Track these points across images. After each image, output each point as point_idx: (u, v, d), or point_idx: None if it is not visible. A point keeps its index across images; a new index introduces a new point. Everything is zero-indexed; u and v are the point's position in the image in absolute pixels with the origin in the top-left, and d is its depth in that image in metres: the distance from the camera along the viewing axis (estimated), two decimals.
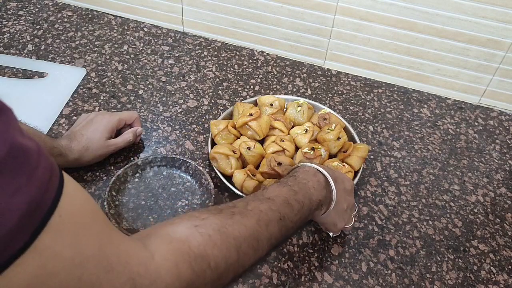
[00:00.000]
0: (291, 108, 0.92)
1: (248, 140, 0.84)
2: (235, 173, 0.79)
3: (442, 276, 0.73)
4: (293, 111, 0.92)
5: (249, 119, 0.84)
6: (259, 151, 0.83)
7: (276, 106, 0.92)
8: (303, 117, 0.91)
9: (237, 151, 0.81)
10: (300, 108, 0.91)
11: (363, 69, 1.09)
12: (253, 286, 0.69)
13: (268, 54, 1.13)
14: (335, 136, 0.85)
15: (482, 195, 0.87)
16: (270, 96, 0.93)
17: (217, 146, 0.82)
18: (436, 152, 0.94)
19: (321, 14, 1.02)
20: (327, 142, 0.85)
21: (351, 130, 0.90)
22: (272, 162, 0.80)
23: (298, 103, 0.92)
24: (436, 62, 1.02)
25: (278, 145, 0.84)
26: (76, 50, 1.07)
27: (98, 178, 0.81)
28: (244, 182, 0.77)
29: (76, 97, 0.96)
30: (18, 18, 1.14)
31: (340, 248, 0.75)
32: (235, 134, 0.86)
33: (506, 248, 0.78)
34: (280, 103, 0.93)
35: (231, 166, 0.80)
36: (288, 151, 0.84)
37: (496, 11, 0.91)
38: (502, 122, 1.03)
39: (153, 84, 1.01)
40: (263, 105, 0.92)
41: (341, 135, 0.86)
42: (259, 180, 0.78)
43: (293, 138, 0.88)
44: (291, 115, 0.92)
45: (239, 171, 0.79)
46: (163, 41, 1.13)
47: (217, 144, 0.85)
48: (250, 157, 0.82)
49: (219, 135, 0.85)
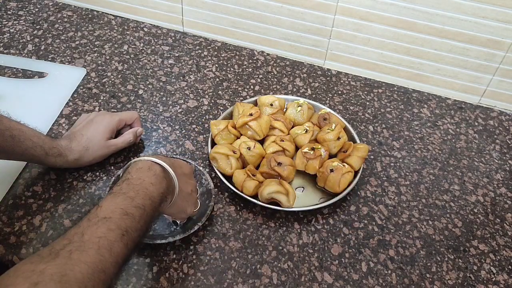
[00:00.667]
0: (291, 108, 0.92)
1: (248, 140, 0.84)
2: (235, 173, 0.79)
3: (442, 276, 0.73)
4: (293, 111, 0.92)
5: (249, 119, 0.84)
6: (259, 151, 0.83)
7: (276, 106, 0.92)
8: (303, 117, 0.91)
9: (237, 151, 0.81)
10: (300, 108, 0.91)
11: (363, 69, 1.09)
12: (253, 286, 0.69)
13: (268, 54, 1.13)
14: (335, 136, 0.85)
15: (482, 195, 0.87)
16: (270, 96, 0.93)
17: (217, 146, 0.82)
18: (436, 152, 0.94)
19: (321, 14, 1.02)
20: (327, 142, 0.85)
21: (351, 130, 0.91)
22: (272, 162, 0.80)
23: (298, 103, 0.92)
24: (436, 62, 1.02)
25: (278, 145, 0.84)
26: (76, 50, 1.07)
27: (98, 178, 0.81)
28: (244, 182, 0.77)
29: (76, 97, 0.96)
30: (18, 18, 1.14)
31: (340, 248, 0.75)
32: (235, 134, 0.86)
33: (506, 248, 0.78)
34: (280, 103, 0.93)
35: (231, 166, 0.80)
36: (288, 151, 0.84)
37: (496, 11, 0.91)
38: (502, 122, 1.03)
39: (153, 84, 1.01)
40: (263, 105, 0.92)
41: (341, 135, 0.86)
42: (259, 180, 0.78)
43: (293, 138, 0.88)
44: (291, 115, 0.92)
45: (239, 171, 0.79)
46: (163, 41, 1.13)
47: (217, 144, 0.85)
48: (250, 157, 0.82)
49: (219, 135, 0.85)
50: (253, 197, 0.78)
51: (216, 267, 0.71)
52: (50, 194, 0.78)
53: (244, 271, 0.71)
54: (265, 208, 0.79)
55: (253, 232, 0.76)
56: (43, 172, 0.81)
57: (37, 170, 0.81)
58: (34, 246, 0.70)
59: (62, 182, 0.80)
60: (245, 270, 0.71)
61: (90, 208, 0.75)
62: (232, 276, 0.70)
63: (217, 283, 0.69)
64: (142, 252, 0.71)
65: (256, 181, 0.78)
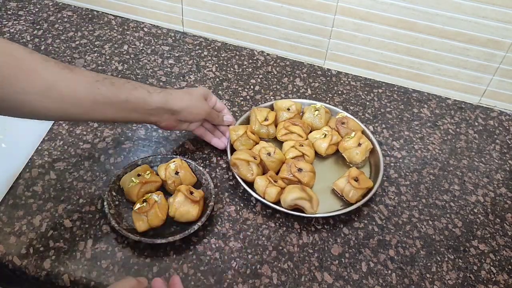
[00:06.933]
0: (308, 112, 0.92)
1: (267, 146, 0.84)
2: (257, 180, 0.78)
3: (442, 276, 0.73)
4: (310, 115, 0.91)
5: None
6: (279, 156, 0.82)
7: (293, 111, 0.91)
8: (320, 121, 0.91)
9: (257, 157, 0.80)
10: (318, 112, 0.91)
11: (363, 69, 1.09)
12: (253, 286, 0.69)
13: (268, 54, 1.13)
14: (355, 143, 0.85)
15: (482, 195, 0.87)
16: (286, 100, 0.93)
17: (237, 152, 0.81)
18: (436, 152, 0.94)
19: (321, 14, 1.02)
20: (349, 150, 0.85)
21: (369, 133, 0.90)
22: (292, 168, 0.80)
23: (315, 107, 0.92)
24: (436, 62, 1.02)
25: (297, 150, 0.84)
26: (76, 50, 1.07)
27: (98, 178, 0.81)
28: (267, 189, 0.77)
29: None
30: (18, 18, 1.14)
31: (340, 248, 0.75)
32: (254, 139, 0.86)
33: (506, 248, 0.78)
34: (297, 107, 0.92)
35: (252, 172, 0.79)
36: (308, 156, 0.84)
37: (496, 11, 0.91)
38: (502, 122, 1.03)
39: (153, 84, 1.01)
40: (279, 110, 0.92)
41: (361, 140, 0.86)
42: (280, 186, 0.78)
43: (312, 142, 0.87)
44: (308, 119, 0.91)
45: (261, 177, 0.79)
46: (163, 41, 1.13)
47: (236, 149, 0.84)
48: (270, 162, 0.82)
49: (238, 141, 0.85)
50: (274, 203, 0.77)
51: (216, 267, 0.71)
52: (50, 194, 0.78)
53: (244, 271, 0.71)
54: (265, 208, 0.79)
55: (253, 232, 0.76)
56: (43, 172, 0.81)
57: (37, 170, 0.81)
58: (34, 246, 0.70)
59: (62, 182, 0.80)
60: (245, 270, 0.71)
61: (90, 209, 0.75)
62: (232, 276, 0.70)
63: (217, 283, 0.69)
64: (142, 252, 0.71)
65: (278, 187, 0.77)
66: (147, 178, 0.77)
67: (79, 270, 0.68)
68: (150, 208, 0.71)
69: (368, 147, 0.86)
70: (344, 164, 0.88)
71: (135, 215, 0.72)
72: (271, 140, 0.90)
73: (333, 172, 0.86)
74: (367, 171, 0.87)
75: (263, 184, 0.77)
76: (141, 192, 0.75)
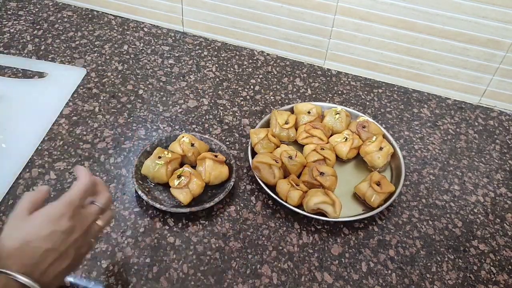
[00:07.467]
0: (329, 115, 0.92)
1: (289, 149, 0.84)
2: (279, 184, 0.78)
3: (442, 276, 0.73)
4: (331, 119, 0.91)
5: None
6: (300, 160, 0.82)
7: (314, 114, 0.91)
8: (341, 124, 0.91)
9: (279, 160, 0.80)
10: (338, 115, 0.91)
11: (363, 69, 1.09)
12: (253, 286, 0.69)
13: (268, 54, 1.13)
14: (377, 147, 0.85)
15: (482, 195, 0.87)
16: (307, 104, 0.93)
17: (259, 156, 0.81)
18: (436, 152, 0.94)
19: (321, 14, 1.02)
20: (370, 154, 0.85)
21: (390, 137, 0.90)
22: (314, 172, 0.80)
23: (336, 111, 0.92)
24: (436, 62, 1.02)
25: (319, 154, 0.84)
26: (76, 50, 1.07)
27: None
28: (289, 193, 0.77)
29: (76, 97, 0.96)
30: (18, 18, 1.14)
31: (340, 248, 0.75)
32: (275, 142, 0.86)
33: (506, 248, 0.78)
34: (317, 111, 0.92)
35: (274, 176, 0.79)
36: (329, 160, 0.84)
37: (496, 11, 0.91)
38: (502, 122, 1.03)
39: (153, 84, 1.01)
40: (300, 113, 0.92)
41: (383, 144, 0.86)
42: (302, 190, 0.78)
43: (333, 146, 0.87)
44: (329, 122, 0.91)
45: (283, 181, 0.79)
46: (163, 41, 1.13)
47: (257, 153, 0.84)
48: (292, 166, 0.82)
49: (259, 144, 0.85)
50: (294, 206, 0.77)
51: (216, 267, 0.71)
52: (50, 194, 0.78)
53: (244, 271, 0.71)
54: (265, 208, 0.79)
55: (253, 232, 0.76)
56: (43, 172, 0.81)
57: (37, 170, 0.81)
58: None
59: (62, 182, 0.80)
60: (245, 270, 0.71)
61: None
62: (232, 276, 0.70)
63: (217, 283, 0.69)
64: (142, 252, 0.71)
65: (301, 191, 0.77)
66: (169, 157, 0.80)
67: (79, 270, 0.68)
68: (189, 180, 0.76)
69: (390, 151, 0.86)
70: (364, 168, 0.88)
71: (176, 191, 0.77)
72: (291, 144, 0.90)
73: (353, 176, 0.86)
74: (388, 175, 0.86)
75: (285, 188, 0.77)
76: (169, 171, 0.79)
